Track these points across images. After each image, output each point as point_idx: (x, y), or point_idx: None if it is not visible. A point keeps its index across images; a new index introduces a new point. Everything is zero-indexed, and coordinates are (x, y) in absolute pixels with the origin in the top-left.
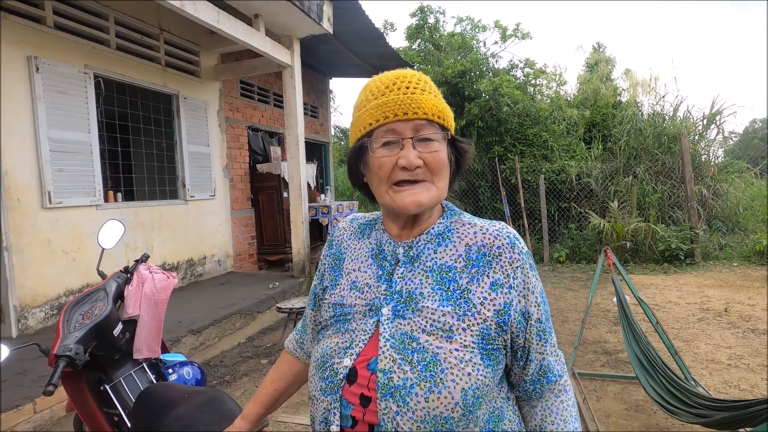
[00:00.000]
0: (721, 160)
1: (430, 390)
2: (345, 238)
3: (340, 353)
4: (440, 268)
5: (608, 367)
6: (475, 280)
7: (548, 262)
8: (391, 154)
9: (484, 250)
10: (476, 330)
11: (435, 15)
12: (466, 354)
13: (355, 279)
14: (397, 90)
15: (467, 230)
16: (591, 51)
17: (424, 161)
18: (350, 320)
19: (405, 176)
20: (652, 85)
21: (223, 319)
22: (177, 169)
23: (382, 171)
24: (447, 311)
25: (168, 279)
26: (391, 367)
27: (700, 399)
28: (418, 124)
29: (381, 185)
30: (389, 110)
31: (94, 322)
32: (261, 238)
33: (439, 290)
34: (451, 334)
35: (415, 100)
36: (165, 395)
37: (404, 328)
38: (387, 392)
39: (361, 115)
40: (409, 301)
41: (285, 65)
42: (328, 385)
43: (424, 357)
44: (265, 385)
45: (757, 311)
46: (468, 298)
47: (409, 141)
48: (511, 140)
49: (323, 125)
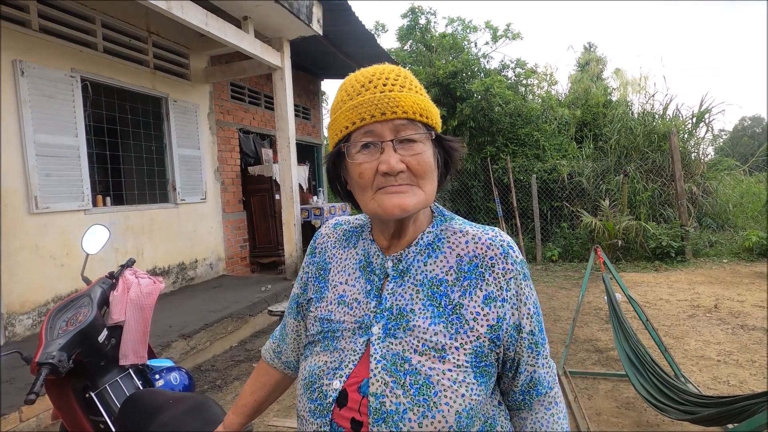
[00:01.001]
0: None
1: (424, 415)
2: (329, 246)
3: (329, 374)
4: (431, 281)
5: (599, 365)
6: (468, 294)
7: (541, 261)
8: (371, 159)
9: (476, 261)
10: (469, 348)
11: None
12: (460, 374)
13: (343, 293)
14: (374, 88)
15: (458, 239)
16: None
17: (408, 165)
18: (339, 338)
19: (388, 182)
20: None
21: (215, 323)
22: (167, 172)
23: (363, 179)
24: (439, 330)
25: (154, 284)
26: (383, 391)
27: (688, 396)
28: (398, 124)
29: (365, 193)
30: (365, 111)
31: (78, 329)
32: (253, 240)
33: (431, 306)
34: (443, 353)
35: (393, 98)
36: (150, 401)
37: (396, 348)
38: (379, 417)
39: (336, 118)
40: (399, 318)
41: (275, 67)
42: (317, 407)
43: (416, 380)
44: (244, 395)
45: (746, 307)
46: (460, 314)
47: (389, 144)
48: (503, 140)
49: (315, 127)
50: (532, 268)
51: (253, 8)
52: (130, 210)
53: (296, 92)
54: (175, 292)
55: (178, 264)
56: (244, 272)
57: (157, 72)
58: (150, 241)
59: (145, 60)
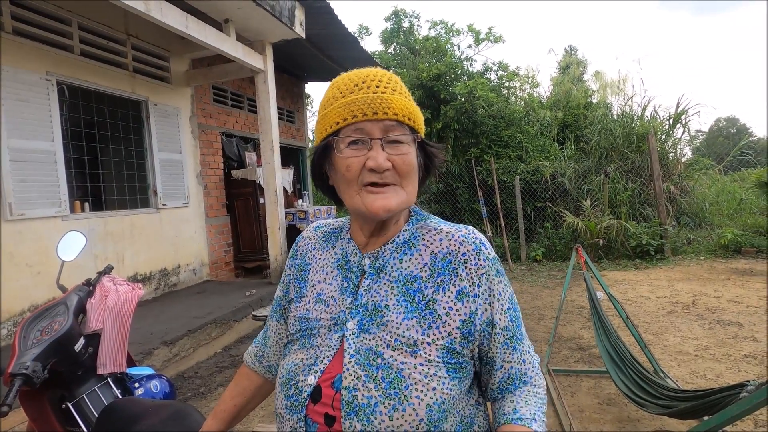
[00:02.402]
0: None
1: (395, 408)
2: (309, 248)
3: (304, 370)
4: (406, 278)
5: (582, 362)
6: (441, 290)
7: (525, 261)
8: (359, 155)
9: (449, 258)
10: (441, 344)
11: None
12: (431, 368)
13: (321, 291)
14: (367, 88)
15: (433, 237)
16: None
17: (393, 164)
18: (315, 335)
19: (374, 178)
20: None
21: (198, 329)
22: (148, 176)
23: (350, 172)
24: (411, 324)
25: (133, 290)
26: (356, 385)
27: (666, 390)
28: (387, 125)
29: (350, 187)
30: (358, 109)
31: (54, 338)
32: (237, 245)
33: (404, 302)
34: (415, 348)
35: (385, 99)
36: (128, 410)
37: (369, 343)
38: (351, 411)
39: (327, 113)
40: (374, 314)
41: (258, 70)
42: (293, 403)
43: (388, 373)
44: (224, 400)
45: (723, 303)
46: (433, 309)
47: (378, 142)
48: (487, 142)
49: (300, 130)
50: (516, 268)
51: (234, 10)
52: (110, 216)
53: (280, 95)
54: (158, 298)
55: (160, 270)
56: (228, 277)
57: (136, 75)
58: (131, 247)
59: (124, 63)
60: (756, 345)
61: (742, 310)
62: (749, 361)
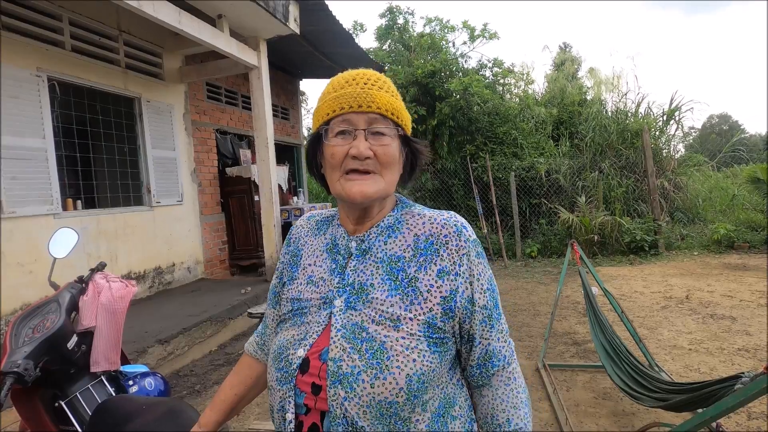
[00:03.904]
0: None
1: (376, 376)
2: (302, 234)
3: (294, 345)
4: (390, 258)
5: (578, 357)
6: (423, 269)
7: (521, 258)
8: (344, 144)
9: (432, 239)
10: (422, 319)
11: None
12: (412, 341)
13: (311, 273)
14: (355, 84)
15: (416, 221)
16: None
17: (375, 153)
18: (306, 313)
19: (355, 165)
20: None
21: (193, 327)
22: (141, 174)
23: (334, 159)
24: (395, 301)
25: (126, 287)
26: (341, 356)
27: (661, 384)
28: (371, 117)
29: (333, 173)
30: (345, 102)
31: (46, 336)
32: (232, 243)
33: (389, 280)
34: (398, 323)
35: (370, 94)
36: (122, 408)
37: (355, 318)
38: (336, 379)
39: (320, 106)
40: (360, 292)
41: (252, 66)
42: (283, 375)
43: (371, 345)
44: (223, 390)
45: (716, 297)
46: (415, 287)
47: (362, 132)
48: (482, 139)
49: (294, 127)
50: (512, 264)
51: (227, 6)
52: (103, 214)
53: (274, 92)
54: (152, 296)
55: (154, 268)
56: (223, 275)
57: (129, 71)
58: (124, 246)
59: (116, 59)
60: (749, 338)
61: (735, 304)
62: (742, 355)
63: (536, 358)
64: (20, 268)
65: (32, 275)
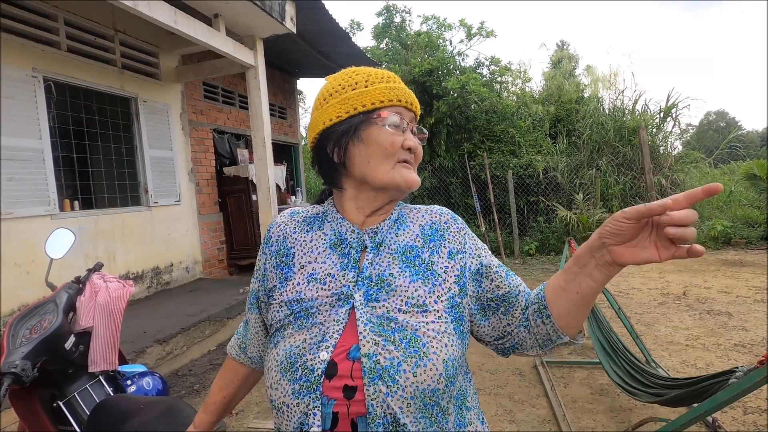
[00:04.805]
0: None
1: (417, 364)
2: (288, 232)
3: (311, 349)
4: (404, 249)
5: (575, 354)
6: (435, 253)
7: (519, 255)
8: (398, 134)
9: (435, 227)
10: (445, 299)
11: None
12: (441, 325)
13: (313, 271)
14: (396, 82)
15: (415, 214)
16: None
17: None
18: (315, 314)
19: (407, 157)
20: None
21: (192, 327)
22: (139, 174)
23: (393, 147)
24: (418, 286)
25: (124, 287)
26: (375, 351)
27: (657, 379)
28: (412, 116)
29: (387, 161)
30: (402, 95)
31: (43, 336)
32: (231, 242)
33: (407, 268)
34: (425, 307)
35: (413, 97)
36: (120, 407)
37: (379, 311)
38: (375, 375)
39: (366, 92)
40: (380, 283)
41: (248, 66)
42: (303, 385)
43: (405, 335)
44: (212, 393)
45: (713, 293)
46: (433, 270)
47: (410, 128)
48: (480, 137)
49: (292, 126)
50: (510, 262)
51: (223, 5)
52: (101, 214)
53: (272, 91)
54: (150, 296)
55: (152, 268)
56: (221, 275)
57: (125, 71)
58: (122, 246)
59: (113, 59)
60: (745, 334)
61: (732, 300)
62: (738, 350)
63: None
64: (17, 269)
65: (29, 276)
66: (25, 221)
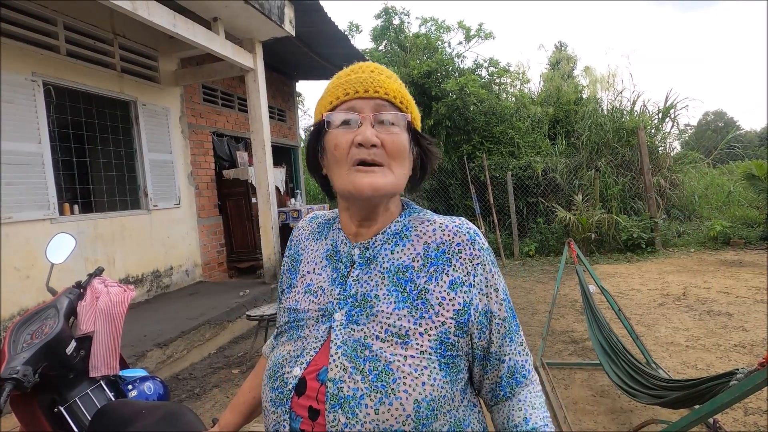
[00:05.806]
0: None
1: (381, 401)
2: (303, 238)
3: (290, 362)
4: (397, 268)
5: (576, 355)
6: (434, 279)
7: (518, 257)
8: (348, 133)
9: (443, 248)
10: (434, 334)
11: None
12: (423, 361)
13: (310, 282)
14: (361, 72)
15: (426, 228)
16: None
17: (382, 142)
18: (303, 327)
19: (362, 155)
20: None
21: (192, 330)
22: (138, 178)
23: (339, 150)
24: (403, 314)
25: (125, 292)
26: (342, 377)
27: (657, 381)
28: (378, 103)
29: (340, 168)
30: (350, 87)
31: (44, 341)
32: (230, 245)
33: (395, 292)
34: (406, 339)
35: (377, 79)
36: (121, 412)
37: (357, 334)
38: (336, 403)
39: (323, 97)
40: (363, 304)
41: (247, 69)
42: (278, 396)
43: (376, 366)
44: (243, 392)
45: (712, 294)
46: (426, 299)
47: (368, 118)
48: (479, 138)
49: (291, 128)
50: (509, 263)
51: (222, 9)
52: (100, 218)
53: (271, 94)
54: (150, 300)
55: (152, 272)
56: (221, 278)
57: (124, 75)
58: (122, 249)
59: (112, 63)
60: (745, 334)
61: (732, 301)
62: (738, 351)
63: (535, 357)
64: (17, 273)
65: (30, 280)
66: (24, 225)
